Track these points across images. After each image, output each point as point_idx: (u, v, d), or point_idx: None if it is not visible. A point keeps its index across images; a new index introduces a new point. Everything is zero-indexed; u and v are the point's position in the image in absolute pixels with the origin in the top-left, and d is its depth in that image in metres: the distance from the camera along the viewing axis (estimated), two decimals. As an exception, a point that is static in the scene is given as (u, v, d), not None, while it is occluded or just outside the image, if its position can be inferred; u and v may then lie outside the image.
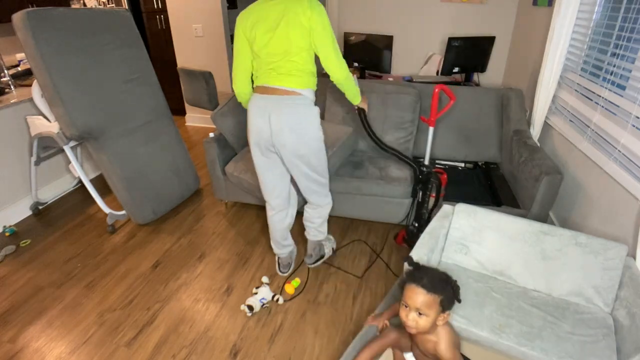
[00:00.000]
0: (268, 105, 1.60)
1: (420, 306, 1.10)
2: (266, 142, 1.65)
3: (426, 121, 1.96)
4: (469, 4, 3.50)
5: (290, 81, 1.59)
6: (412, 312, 1.11)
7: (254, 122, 1.64)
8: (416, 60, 3.85)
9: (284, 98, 1.60)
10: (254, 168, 1.81)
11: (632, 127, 1.58)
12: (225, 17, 3.64)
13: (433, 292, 1.10)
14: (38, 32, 1.93)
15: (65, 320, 1.79)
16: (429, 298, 1.10)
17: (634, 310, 1.29)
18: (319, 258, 2.10)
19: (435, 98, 1.86)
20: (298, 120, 1.61)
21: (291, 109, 1.60)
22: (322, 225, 2.01)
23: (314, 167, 1.73)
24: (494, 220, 1.61)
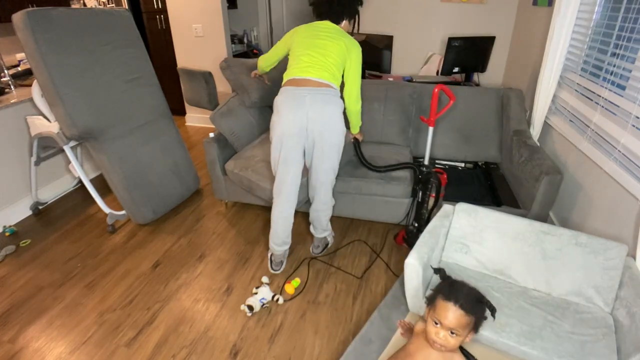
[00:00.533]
0: (306, 95, 1.75)
1: (455, 326, 1.04)
2: (300, 131, 1.77)
3: (426, 121, 1.96)
4: (469, 4, 3.50)
5: (324, 75, 1.77)
6: (445, 330, 1.06)
7: (288, 112, 1.76)
8: (416, 60, 3.86)
9: (320, 90, 1.76)
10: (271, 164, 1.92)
11: (632, 127, 1.58)
12: (225, 17, 3.64)
13: (471, 313, 1.05)
14: (38, 32, 1.93)
15: (65, 320, 1.79)
16: (467, 319, 1.05)
17: (634, 310, 1.29)
18: (325, 247, 2.23)
19: (435, 98, 1.86)
20: (333, 110, 1.77)
21: (327, 97, 1.76)
22: (328, 223, 2.11)
23: (335, 159, 1.87)
24: (495, 219, 1.61)
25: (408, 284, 1.47)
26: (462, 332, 1.06)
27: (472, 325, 1.07)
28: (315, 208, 2.03)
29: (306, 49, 1.80)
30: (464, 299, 1.05)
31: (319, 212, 2.03)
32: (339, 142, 1.84)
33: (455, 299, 1.05)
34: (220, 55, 3.76)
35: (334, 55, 1.78)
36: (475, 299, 1.08)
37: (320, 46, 1.78)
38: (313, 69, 1.77)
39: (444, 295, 1.09)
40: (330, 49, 1.78)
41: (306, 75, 1.77)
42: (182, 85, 3.06)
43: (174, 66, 4.05)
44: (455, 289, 1.09)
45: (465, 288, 1.10)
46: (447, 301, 1.06)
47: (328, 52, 1.78)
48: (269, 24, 4.82)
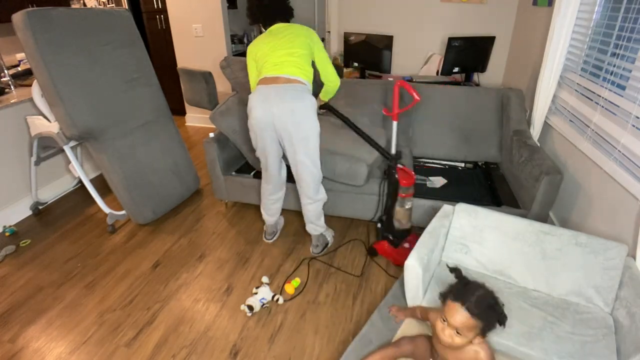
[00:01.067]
0: (271, 92, 1.78)
1: (460, 327, 1.05)
2: (268, 126, 1.82)
3: (388, 114, 1.98)
4: (469, 4, 3.50)
5: (293, 71, 1.80)
6: (450, 329, 1.07)
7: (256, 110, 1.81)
8: (416, 60, 3.86)
9: (288, 86, 1.79)
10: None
11: (632, 127, 1.58)
12: (225, 17, 3.64)
13: (477, 317, 1.04)
14: (38, 32, 1.93)
15: (65, 320, 1.79)
16: (472, 322, 1.04)
17: (634, 310, 1.29)
18: (324, 246, 2.22)
19: (396, 93, 1.87)
20: (298, 105, 1.78)
21: (293, 93, 1.78)
22: (318, 219, 2.12)
23: (314, 150, 1.89)
24: (495, 220, 1.61)
25: (408, 284, 1.47)
26: (468, 334, 1.06)
27: (479, 330, 1.06)
28: (302, 202, 2.07)
29: (272, 51, 1.84)
30: (474, 303, 1.05)
31: (306, 205, 2.06)
32: (308, 136, 1.83)
33: (464, 301, 1.05)
34: (220, 55, 3.76)
35: (300, 50, 1.83)
36: (487, 304, 1.07)
37: (284, 46, 1.83)
38: (282, 67, 1.81)
39: (454, 295, 1.09)
40: (294, 44, 1.83)
41: (275, 73, 1.81)
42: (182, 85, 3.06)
43: (174, 66, 4.05)
44: (467, 291, 1.08)
45: (480, 291, 1.09)
46: (455, 301, 1.07)
47: (293, 49, 1.82)
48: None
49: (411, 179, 1.89)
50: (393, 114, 1.94)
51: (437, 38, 3.70)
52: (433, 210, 2.12)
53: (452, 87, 2.62)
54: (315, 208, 2.07)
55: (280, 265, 2.12)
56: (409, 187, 1.90)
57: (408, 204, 1.96)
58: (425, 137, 2.63)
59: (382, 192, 2.19)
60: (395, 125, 1.97)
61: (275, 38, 1.87)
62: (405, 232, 2.06)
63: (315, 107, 1.85)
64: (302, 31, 1.88)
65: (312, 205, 2.05)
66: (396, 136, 2.00)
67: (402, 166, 1.96)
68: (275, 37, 1.87)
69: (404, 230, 2.05)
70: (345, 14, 3.95)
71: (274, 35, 1.88)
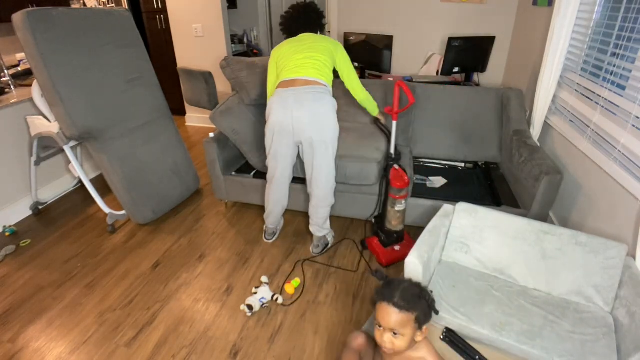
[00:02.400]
0: (290, 96, 1.79)
1: (394, 326, 1.02)
2: (286, 130, 1.84)
3: (389, 112, 1.99)
4: (469, 4, 3.51)
5: (312, 73, 1.82)
6: (387, 332, 1.03)
7: (276, 113, 1.83)
8: (416, 60, 3.86)
9: (307, 88, 1.80)
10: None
11: (632, 127, 1.58)
12: (225, 17, 3.64)
13: (406, 310, 1.01)
14: (38, 32, 1.93)
15: (65, 320, 1.78)
16: (403, 317, 1.01)
17: (634, 310, 1.29)
18: (325, 247, 2.23)
19: (397, 93, 1.88)
20: (318, 107, 1.79)
21: (313, 95, 1.79)
22: (325, 222, 2.13)
23: (326, 156, 1.89)
24: (495, 219, 1.61)
25: (408, 283, 1.46)
26: (405, 331, 1.02)
27: (414, 323, 1.03)
28: (312, 204, 2.07)
29: (293, 55, 1.88)
30: (399, 297, 1.03)
31: (317, 208, 2.06)
32: (327, 139, 1.84)
33: (389, 298, 1.03)
34: (220, 55, 3.76)
35: (321, 55, 1.87)
36: (413, 295, 1.05)
37: (306, 50, 1.88)
38: (302, 69, 1.84)
39: (379, 296, 1.06)
40: (316, 50, 1.88)
41: (294, 76, 1.83)
42: (182, 85, 3.06)
43: (174, 66, 4.05)
44: (390, 288, 1.06)
45: (403, 285, 1.07)
46: (382, 302, 1.05)
47: (314, 53, 1.87)
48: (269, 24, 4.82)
49: (403, 182, 1.88)
50: (393, 113, 1.94)
51: (437, 38, 3.70)
52: (433, 210, 2.11)
53: (452, 87, 2.63)
54: (325, 212, 2.08)
55: (280, 265, 2.12)
56: (400, 189, 1.89)
57: (399, 206, 1.95)
58: (426, 137, 2.63)
59: (381, 190, 2.19)
60: (395, 124, 1.97)
61: (299, 43, 1.92)
62: (395, 233, 2.06)
63: (335, 109, 1.87)
64: (326, 40, 1.94)
65: (323, 209, 2.06)
66: (395, 135, 2.01)
67: (397, 167, 1.96)
68: (299, 43, 1.92)
69: (394, 231, 2.04)
70: (345, 14, 3.95)
71: (298, 40, 1.94)
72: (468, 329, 1.36)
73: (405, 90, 1.83)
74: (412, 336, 1.04)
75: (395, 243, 2.10)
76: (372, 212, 2.30)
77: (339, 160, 2.10)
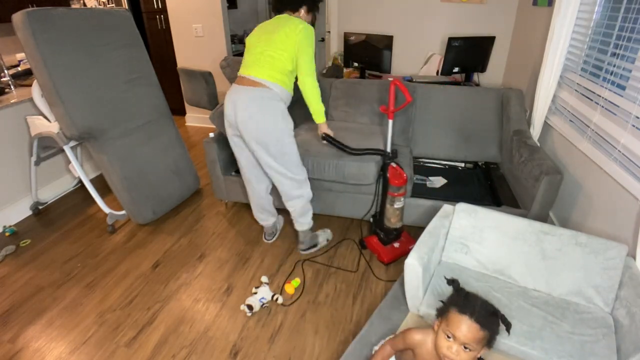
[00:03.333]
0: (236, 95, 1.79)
1: (469, 341, 1.00)
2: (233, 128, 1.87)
3: (384, 111, 1.97)
4: (469, 4, 3.50)
5: (263, 74, 1.77)
6: (458, 345, 1.01)
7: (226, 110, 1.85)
8: (416, 60, 3.86)
9: (253, 89, 1.77)
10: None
11: (632, 127, 1.58)
12: (225, 17, 3.64)
13: (486, 328, 1.00)
14: (38, 32, 1.93)
15: (65, 320, 1.79)
16: (482, 334, 1.00)
17: (634, 310, 1.29)
18: (312, 246, 2.19)
19: (392, 92, 1.86)
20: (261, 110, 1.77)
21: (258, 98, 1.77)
22: (302, 216, 2.08)
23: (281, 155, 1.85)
24: (495, 219, 1.61)
25: (408, 284, 1.47)
26: (476, 347, 1.01)
27: (486, 341, 1.02)
28: (282, 200, 2.07)
29: (254, 46, 1.83)
30: (480, 313, 1.01)
31: (285, 202, 2.06)
32: (269, 141, 1.80)
33: (471, 313, 1.00)
34: (220, 55, 3.76)
35: (276, 51, 1.77)
36: (490, 312, 1.04)
37: (263, 42, 1.80)
38: (253, 66, 1.79)
39: (458, 307, 1.03)
40: (274, 42, 1.77)
41: (245, 74, 1.81)
42: (182, 85, 3.06)
43: (174, 66, 4.05)
44: (470, 302, 1.04)
45: (480, 301, 1.05)
46: (462, 314, 1.01)
47: (271, 47, 1.77)
48: (269, 24, 4.82)
49: (402, 179, 1.89)
50: (388, 112, 1.94)
51: (437, 38, 3.70)
52: (433, 210, 2.12)
53: (452, 87, 2.62)
54: (295, 205, 2.03)
55: (280, 265, 2.12)
56: (399, 187, 1.90)
57: (398, 204, 1.95)
58: (425, 137, 2.63)
59: (377, 189, 2.19)
60: (391, 123, 1.97)
61: (264, 32, 1.84)
62: (394, 231, 2.07)
63: (281, 111, 1.80)
64: (290, 28, 1.76)
65: (289, 203, 2.04)
66: (391, 134, 2.00)
67: (395, 165, 1.96)
68: (264, 31, 1.84)
69: (393, 229, 2.05)
70: (345, 14, 3.95)
71: (265, 27, 1.85)
72: (468, 329, 1.36)
73: (401, 89, 1.83)
74: (478, 353, 1.03)
75: (394, 240, 2.10)
76: (367, 211, 2.30)
77: (337, 160, 2.10)
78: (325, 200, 2.33)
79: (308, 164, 2.14)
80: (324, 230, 2.31)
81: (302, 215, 2.08)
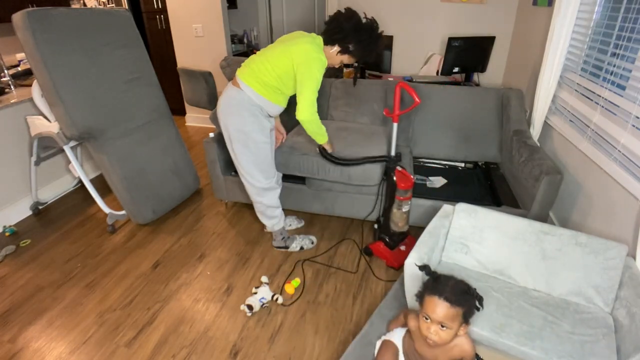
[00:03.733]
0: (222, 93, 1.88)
1: (443, 319, 1.07)
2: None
3: (389, 115, 1.95)
4: (469, 4, 3.50)
5: (247, 79, 1.78)
6: (435, 325, 1.09)
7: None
8: (416, 60, 3.86)
9: (231, 88, 1.82)
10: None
11: (632, 127, 1.58)
12: (225, 17, 3.64)
13: (457, 305, 1.07)
14: (38, 32, 1.93)
15: (65, 320, 1.79)
16: (453, 311, 1.07)
17: (634, 310, 1.29)
18: (283, 247, 2.22)
19: (397, 94, 1.85)
20: (227, 107, 1.82)
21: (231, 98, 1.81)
22: (263, 217, 2.14)
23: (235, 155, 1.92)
24: (495, 219, 1.61)
25: (407, 283, 1.47)
26: (452, 325, 1.08)
27: (461, 317, 1.09)
28: None
29: (259, 54, 1.82)
30: (450, 292, 1.08)
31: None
32: (231, 140, 1.87)
33: (441, 293, 1.08)
34: (220, 55, 3.76)
35: (270, 63, 1.74)
36: (462, 290, 1.11)
37: (270, 49, 1.79)
38: (244, 69, 1.81)
39: (429, 290, 1.12)
40: (270, 55, 1.75)
41: (237, 75, 1.84)
42: (182, 85, 3.06)
43: (174, 66, 4.05)
44: (440, 283, 1.12)
45: (452, 281, 1.13)
46: (432, 295, 1.09)
47: (264, 57, 1.76)
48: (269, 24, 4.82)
49: (409, 182, 1.87)
50: (394, 115, 1.93)
51: (437, 38, 3.70)
52: (433, 210, 2.11)
53: (452, 87, 2.62)
54: (255, 205, 2.10)
55: (280, 265, 2.12)
56: (406, 190, 1.89)
57: (405, 207, 1.95)
58: (425, 137, 2.63)
59: (380, 193, 2.18)
60: (396, 127, 1.96)
61: (278, 41, 1.83)
62: (401, 234, 2.06)
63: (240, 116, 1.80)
64: (293, 47, 1.71)
65: (252, 199, 2.08)
66: (396, 138, 2.00)
67: (401, 168, 1.95)
68: (278, 41, 1.83)
69: (400, 233, 2.04)
70: (345, 14, 3.94)
71: (282, 38, 1.84)
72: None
73: (409, 91, 1.82)
74: (457, 330, 1.10)
75: (400, 243, 2.09)
76: (368, 213, 2.29)
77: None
78: (325, 200, 2.33)
79: (312, 165, 2.14)
80: (307, 236, 2.27)
81: (263, 216, 2.13)
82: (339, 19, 1.73)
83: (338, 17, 1.74)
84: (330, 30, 1.75)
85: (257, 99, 1.80)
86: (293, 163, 2.17)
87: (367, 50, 1.77)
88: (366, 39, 1.75)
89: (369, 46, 1.76)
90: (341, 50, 1.77)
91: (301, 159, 2.14)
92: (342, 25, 1.72)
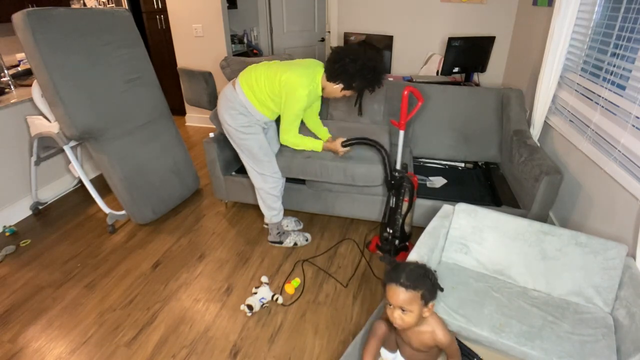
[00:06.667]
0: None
1: (402, 304, 1.13)
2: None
3: (397, 125, 1.90)
4: (469, 4, 3.51)
5: (242, 83, 1.88)
6: (397, 310, 1.14)
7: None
8: (416, 60, 3.86)
9: (228, 87, 1.94)
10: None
11: (632, 127, 1.58)
12: (225, 17, 3.64)
13: (412, 288, 1.13)
14: (38, 32, 1.93)
15: (65, 320, 1.79)
16: (409, 295, 1.13)
17: (634, 310, 1.29)
18: (277, 242, 2.26)
19: (405, 100, 1.80)
20: (220, 102, 1.95)
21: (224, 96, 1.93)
22: (262, 206, 2.20)
23: (235, 144, 2.03)
24: (494, 220, 1.61)
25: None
26: (412, 308, 1.13)
27: (420, 300, 1.14)
28: None
29: (265, 64, 1.90)
30: (405, 277, 1.13)
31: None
32: (228, 135, 2.00)
33: (396, 279, 1.14)
34: (220, 55, 3.76)
35: (266, 78, 1.82)
36: (417, 275, 1.15)
37: (271, 67, 1.84)
38: (244, 74, 1.90)
39: (388, 278, 1.17)
40: (270, 73, 1.81)
41: (238, 76, 1.94)
42: (182, 85, 3.06)
43: (174, 66, 4.05)
44: (396, 270, 1.17)
45: (408, 267, 1.18)
46: (390, 283, 1.16)
47: (267, 74, 1.82)
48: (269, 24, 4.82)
49: (414, 179, 1.92)
50: (401, 123, 1.88)
51: (437, 38, 3.70)
52: (433, 210, 2.12)
53: (452, 87, 2.62)
54: (260, 198, 2.17)
55: (280, 265, 2.12)
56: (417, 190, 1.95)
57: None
58: (425, 137, 2.63)
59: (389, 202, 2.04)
60: (402, 134, 1.89)
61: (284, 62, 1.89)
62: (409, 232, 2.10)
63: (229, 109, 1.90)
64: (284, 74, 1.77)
65: (256, 187, 2.15)
66: (402, 147, 1.94)
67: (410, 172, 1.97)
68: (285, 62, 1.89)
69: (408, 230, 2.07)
70: (345, 14, 3.95)
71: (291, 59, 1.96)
72: (467, 330, 1.36)
73: (415, 94, 1.82)
74: (419, 312, 1.14)
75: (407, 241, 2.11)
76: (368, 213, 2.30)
77: (345, 163, 2.09)
78: (325, 200, 2.33)
79: (315, 169, 2.14)
80: (302, 233, 2.28)
81: (264, 205, 2.18)
82: (343, 60, 1.71)
83: (343, 58, 1.72)
84: (334, 70, 1.75)
85: (246, 102, 1.89)
86: (296, 167, 2.16)
87: (371, 86, 1.79)
88: (371, 77, 1.75)
89: (372, 82, 1.78)
90: (345, 87, 1.80)
91: (304, 163, 2.13)
92: (347, 68, 1.71)
